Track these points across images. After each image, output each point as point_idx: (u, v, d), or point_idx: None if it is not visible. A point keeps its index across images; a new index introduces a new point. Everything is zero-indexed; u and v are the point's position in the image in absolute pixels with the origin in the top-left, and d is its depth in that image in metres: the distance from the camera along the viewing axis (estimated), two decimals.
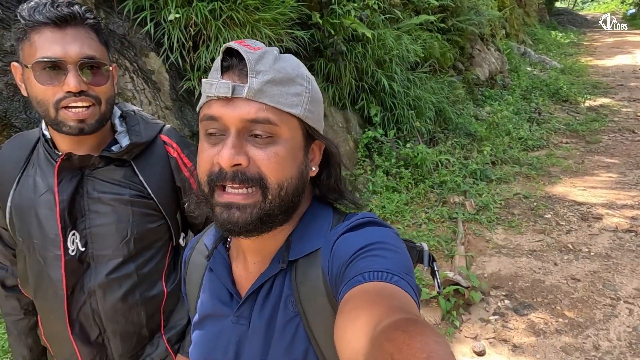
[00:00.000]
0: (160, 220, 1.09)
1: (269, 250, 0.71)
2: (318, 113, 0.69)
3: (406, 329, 0.43)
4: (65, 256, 1.00)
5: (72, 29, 0.92)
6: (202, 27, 3.15)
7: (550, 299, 2.97)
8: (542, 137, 6.40)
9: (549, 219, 4.15)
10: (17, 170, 1.04)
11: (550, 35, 15.63)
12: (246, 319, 0.71)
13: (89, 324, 1.05)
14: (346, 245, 0.63)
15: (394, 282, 0.55)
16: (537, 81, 8.94)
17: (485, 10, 6.92)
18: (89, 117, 0.94)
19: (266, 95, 0.61)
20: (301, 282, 0.67)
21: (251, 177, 0.61)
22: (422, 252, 0.77)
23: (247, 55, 0.60)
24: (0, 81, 2.75)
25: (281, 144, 0.63)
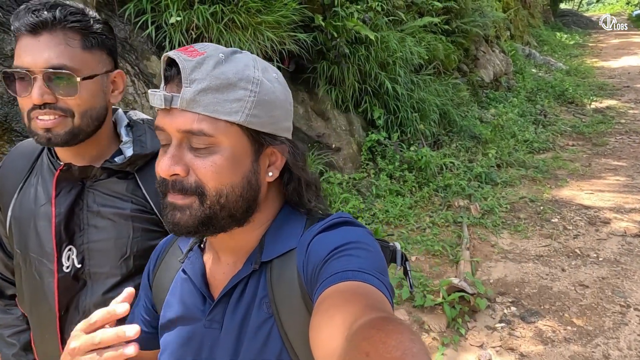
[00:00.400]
0: (162, 237, 1.02)
1: (243, 251, 0.71)
2: (271, 116, 0.65)
3: (382, 327, 0.44)
4: (58, 272, 0.95)
5: (48, 36, 0.85)
6: (204, 30, 3.12)
7: (558, 306, 2.91)
8: (548, 139, 6.33)
9: (555, 223, 4.08)
10: (19, 179, 1.00)
11: (555, 37, 15.54)
12: (218, 322, 0.70)
13: None
14: (321, 245, 0.63)
15: (368, 281, 0.55)
16: (542, 83, 8.87)
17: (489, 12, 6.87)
18: (55, 126, 0.87)
19: (199, 104, 0.60)
20: (276, 282, 0.67)
21: (188, 187, 0.63)
22: (395, 251, 0.77)
23: (182, 64, 0.59)
24: (1, 85, 2.73)
25: (219, 152, 0.62)
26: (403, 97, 4.78)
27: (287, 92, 0.70)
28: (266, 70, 0.66)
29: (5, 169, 1.03)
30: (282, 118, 0.68)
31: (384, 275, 0.59)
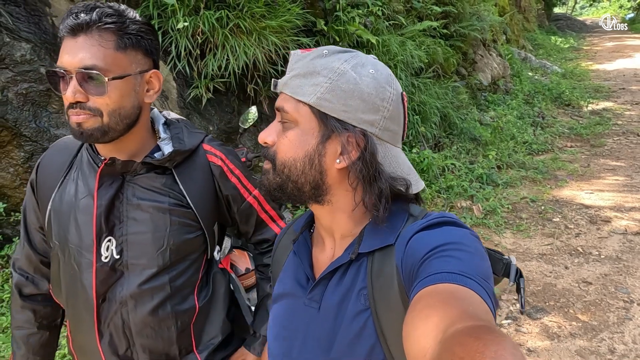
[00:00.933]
0: (198, 232, 1.06)
1: (343, 237, 0.76)
2: (345, 104, 0.67)
3: (480, 336, 0.41)
4: (97, 262, 0.98)
5: (83, 37, 0.88)
6: (210, 35, 3.17)
7: (562, 303, 2.95)
8: (547, 141, 6.40)
9: (557, 222, 4.13)
10: (60, 173, 1.03)
11: (550, 41, 15.70)
12: (317, 302, 0.74)
13: (118, 336, 1.02)
14: (420, 243, 0.63)
15: (468, 285, 0.53)
16: (539, 86, 8.96)
17: (486, 16, 6.96)
18: (85, 122, 0.90)
19: (288, 87, 0.71)
20: (376, 276, 0.68)
21: (269, 155, 0.73)
22: (508, 265, 0.72)
23: (291, 58, 0.73)
24: (11, 91, 2.77)
25: (293, 129, 0.70)
26: None
27: (381, 88, 0.69)
28: (361, 66, 0.69)
29: (46, 164, 1.06)
30: (360, 109, 0.68)
31: (487, 282, 0.55)
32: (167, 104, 3.29)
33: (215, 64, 3.21)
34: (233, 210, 1.14)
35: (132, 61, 0.94)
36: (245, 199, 1.14)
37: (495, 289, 1.84)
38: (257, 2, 3.28)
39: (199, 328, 1.11)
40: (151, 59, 0.98)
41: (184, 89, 3.35)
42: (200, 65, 3.28)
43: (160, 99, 3.26)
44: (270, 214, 1.20)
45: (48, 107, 2.87)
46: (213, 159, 1.09)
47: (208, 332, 1.12)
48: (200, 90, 3.28)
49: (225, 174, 1.09)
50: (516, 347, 0.40)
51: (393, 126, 0.72)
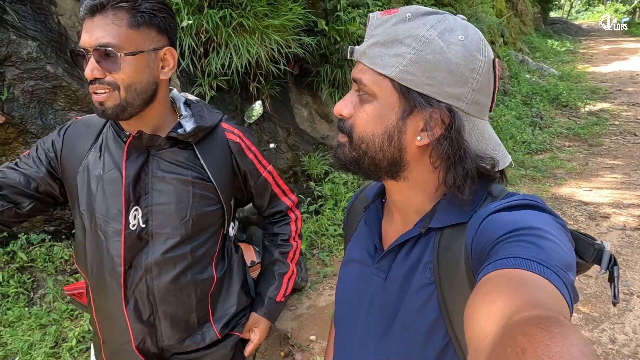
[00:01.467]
0: (217, 205, 1.11)
1: (412, 212, 0.73)
2: (429, 76, 0.61)
3: (547, 327, 0.37)
4: (125, 230, 1.02)
5: (100, 16, 0.92)
6: (213, 33, 3.21)
7: None
8: (545, 140, 6.46)
9: None
10: (87, 146, 1.07)
11: (546, 44, 15.82)
12: (384, 272, 0.74)
13: (143, 302, 1.07)
14: (496, 224, 0.58)
15: (544, 274, 0.48)
16: (536, 87, 9.04)
17: (484, 17, 7.03)
18: (106, 100, 0.95)
19: (366, 56, 0.66)
20: (443, 252, 0.66)
21: (345, 128, 0.70)
22: (601, 251, 0.63)
23: (370, 22, 0.66)
24: (17, 88, 2.80)
25: (372, 103, 0.66)
26: None
27: (471, 57, 0.62)
28: (450, 31, 0.63)
29: (72, 138, 1.10)
30: (447, 82, 0.62)
31: (566, 273, 0.50)
32: None
33: (218, 62, 3.25)
34: (250, 185, 1.19)
35: (146, 38, 0.96)
36: (261, 174, 1.20)
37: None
38: (260, 2, 3.33)
39: (216, 298, 1.16)
40: (166, 37, 1.00)
41: (187, 86, 3.38)
42: (204, 64, 3.32)
43: None
44: (282, 188, 1.27)
45: (54, 104, 2.90)
46: (231, 136, 1.14)
47: (224, 303, 1.18)
48: (204, 88, 3.32)
49: (243, 150, 1.15)
50: (587, 344, 0.36)
51: (482, 98, 0.65)
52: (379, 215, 0.81)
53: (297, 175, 3.93)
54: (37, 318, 2.49)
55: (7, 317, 2.48)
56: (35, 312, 2.52)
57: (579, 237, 0.64)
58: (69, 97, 2.91)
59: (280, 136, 3.90)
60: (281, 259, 1.30)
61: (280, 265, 1.30)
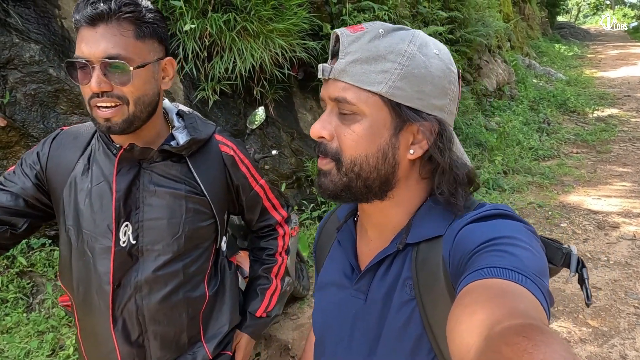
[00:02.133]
0: (211, 219, 1.08)
1: (389, 229, 0.72)
2: (418, 90, 0.63)
3: (529, 335, 0.39)
4: (115, 247, 0.98)
5: (103, 27, 0.88)
6: (217, 37, 3.18)
7: (572, 308, 2.91)
8: (553, 147, 6.38)
9: (564, 227, 4.09)
10: (74, 159, 1.03)
11: (553, 48, 15.71)
12: (364, 293, 0.72)
13: (132, 322, 1.02)
14: (470, 235, 0.59)
15: (521, 282, 0.49)
16: (544, 92, 8.95)
17: (491, 22, 6.97)
18: (114, 116, 0.91)
19: (348, 74, 0.63)
20: (421, 266, 0.66)
21: (329, 151, 0.66)
22: (569, 255, 0.66)
23: (342, 38, 0.64)
24: (19, 92, 2.78)
25: (360, 121, 0.64)
26: None
27: (447, 70, 0.66)
28: (425, 46, 0.65)
29: (59, 149, 1.06)
30: (433, 95, 0.64)
31: (541, 279, 0.51)
32: None
33: (222, 66, 3.22)
34: (241, 199, 1.17)
35: (150, 49, 0.95)
36: (253, 187, 1.17)
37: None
38: (264, 6, 3.29)
39: (208, 317, 1.13)
40: (164, 47, 1.00)
41: (190, 91, 3.36)
42: (207, 68, 3.29)
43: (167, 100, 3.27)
44: (273, 202, 1.25)
45: (56, 107, 2.88)
46: (225, 149, 1.11)
47: (216, 322, 1.14)
48: (207, 93, 3.29)
49: (237, 163, 1.12)
50: (569, 350, 0.37)
51: (454, 108, 0.69)
52: (352, 235, 0.79)
53: (300, 180, 3.89)
54: (35, 324, 2.45)
55: (6, 322, 2.45)
56: (34, 319, 2.49)
57: (547, 242, 0.67)
58: (71, 101, 2.89)
59: (284, 141, 3.86)
60: (265, 275, 1.27)
61: (263, 280, 1.27)
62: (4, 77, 2.75)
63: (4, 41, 2.73)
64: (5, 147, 2.82)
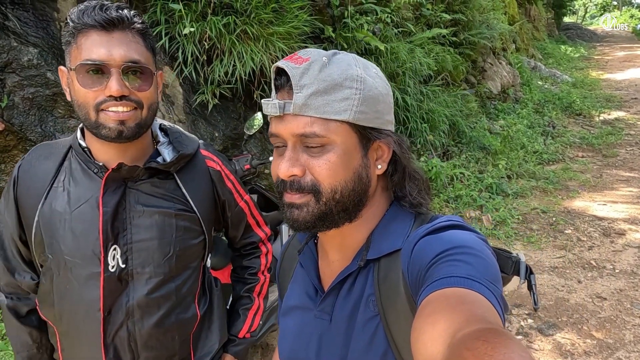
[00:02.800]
0: (201, 237, 1.05)
1: (350, 248, 0.73)
2: (375, 110, 0.67)
3: (488, 339, 0.41)
4: (104, 272, 0.94)
5: (119, 33, 0.89)
6: (216, 41, 3.15)
7: (576, 319, 2.85)
8: (558, 150, 6.30)
9: (569, 234, 4.03)
10: (46, 183, 0.98)
11: (559, 50, 15.58)
12: (328, 314, 0.72)
13: (124, 349, 0.98)
14: (427, 248, 0.62)
15: (476, 289, 0.52)
16: (549, 95, 8.86)
17: (496, 24, 6.90)
18: (129, 119, 0.90)
19: (310, 108, 0.63)
20: (382, 282, 0.67)
21: (304, 186, 0.66)
22: (518, 263, 0.71)
23: (290, 72, 0.63)
24: (17, 95, 2.76)
25: (332, 150, 0.65)
26: (412, 108, 4.78)
27: (387, 85, 0.71)
28: (367, 67, 0.69)
29: (27, 173, 1.00)
30: (385, 111, 0.69)
31: (495, 285, 0.55)
32: (172, 110, 3.27)
33: (221, 69, 3.18)
34: (227, 215, 1.14)
35: (152, 61, 0.97)
36: (238, 203, 1.15)
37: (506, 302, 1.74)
38: (264, 9, 3.26)
39: (197, 337, 1.10)
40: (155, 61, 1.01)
41: (190, 94, 3.33)
42: (207, 71, 3.26)
43: (167, 104, 3.24)
44: (257, 219, 1.23)
45: (54, 111, 2.86)
46: (212, 164, 1.09)
47: (206, 341, 1.11)
48: (207, 96, 3.26)
49: (223, 179, 1.10)
50: (525, 349, 0.40)
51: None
52: (314, 256, 0.80)
53: None
54: None
55: (0, 329, 2.42)
56: None
57: (498, 251, 0.70)
58: (69, 105, 2.86)
59: None
60: (247, 295, 1.24)
61: (245, 300, 1.24)
62: (1, 80, 2.73)
63: (2, 45, 2.71)
64: (3, 151, 2.80)
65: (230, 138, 3.49)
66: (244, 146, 3.20)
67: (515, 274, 0.71)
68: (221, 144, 3.40)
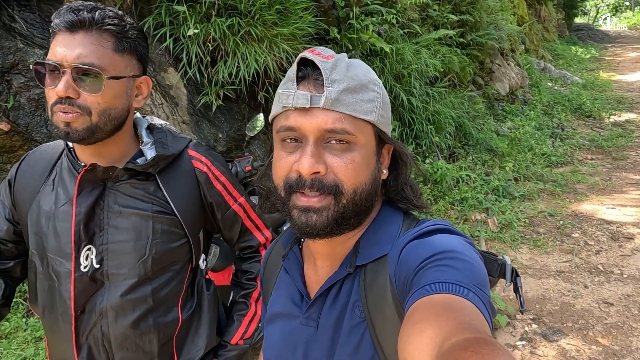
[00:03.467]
0: (182, 239, 1.03)
1: (339, 254, 0.72)
2: (387, 117, 0.69)
3: (476, 349, 0.41)
4: (75, 272, 0.95)
5: (83, 34, 0.88)
6: (220, 42, 3.15)
7: (581, 324, 2.80)
8: (566, 153, 6.22)
9: (576, 238, 3.97)
10: (40, 181, 1.01)
11: (570, 51, 15.40)
12: (314, 320, 0.71)
13: (97, 349, 0.99)
14: (413, 253, 0.61)
15: (464, 295, 0.52)
16: (558, 96, 8.76)
17: (504, 25, 6.84)
18: (74, 121, 0.89)
19: (342, 103, 0.62)
20: (369, 288, 0.66)
21: (327, 185, 0.63)
22: (503, 265, 0.71)
23: (322, 65, 0.61)
24: (23, 96, 2.79)
25: (357, 150, 0.64)
26: (418, 110, 4.74)
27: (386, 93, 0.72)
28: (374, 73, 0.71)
29: (25, 172, 1.03)
30: (390, 118, 0.71)
31: (482, 290, 0.54)
32: (177, 111, 3.28)
33: (225, 71, 3.19)
34: (217, 217, 1.12)
35: (128, 65, 0.94)
36: (230, 206, 1.12)
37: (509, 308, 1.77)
38: (269, 10, 3.26)
39: (182, 341, 1.08)
40: (143, 66, 1.00)
41: (194, 95, 3.34)
42: (211, 72, 3.26)
43: (171, 105, 3.25)
44: (255, 222, 1.19)
45: None
46: (198, 164, 1.06)
47: (191, 345, 1.09)
48: (210, 97, 3.27)
49: (211, 180, 1.07)
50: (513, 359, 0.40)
51: None
52: (299, 261, 0.78)
53: None
54: (34, 330, 2.45)
55: (4, 328, 2.45)
56: (32, 324, 2.48)
57: (483, 254, 0.70)
58: None
59: None
60: (243, 300, 1.21)
61: (241, 306, 1.20)
62: (8, 82, 2.76)
63: (8, 46, 2.74)
64: (9, 151, 2.83)
65: (234, 139, 3.49)
66: (245, 148, 3.20)
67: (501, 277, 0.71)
68: (225, 145, 3.40)
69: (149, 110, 3.08)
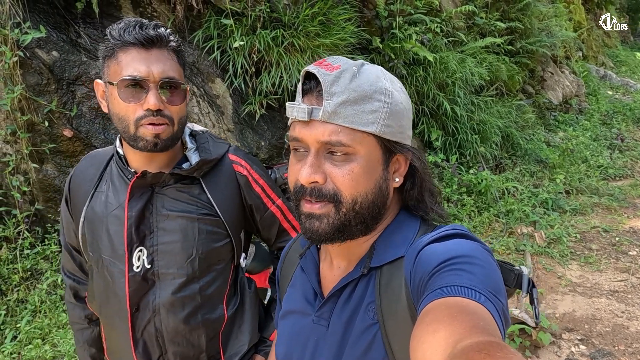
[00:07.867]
0: (226, 239, 1.08)
1: (355, 255, 0.73)
2: (400, 125, 0.68)
3: (491, 352, 0.41)
4: (129, 272, 1.01)
5: (157, 51, 0.95)
6: (265, 53, 3.27)
7: (635, 348, 2.61)
8: (626, 165, 5.83)
9: (633, 256, 3.70)
10: (91, 187, 1.08)
11: (634, 57, 14.42)
12: (326, 320, 0.72)
13: (152, 344, 1.05)
14: (430, 256, 0.61)
15: (479, 300, 0.52)
16: (619, 105, 8.23)
17: (558, 32, 6.56)
18: (163, 132, 0.97)
19: (340, 116, 0.63)
20: (384, 290, 0.67)
21: (326, 193, 0.66)
22: (520, 276, 0.71)
23: (322, 78, 0.63)
24: (85, 105, 3.04)
25: (356, 161, 0.65)
26: (462, 119, 4.65)
27: (409, 100, 0.72)
28: (393, 81, 0.69)
29: (77, 178, 1.11)
30: (407, 127, 0.70)
31: (497, 297, 0.54)
32: (222, 119, 3.43)
33: (269, 81, 3.30)
34: (256, 219, 1.16)
35: (184, 76, 1.03)
36: (268, 208, 1.16)
37: (554, 326, 1.68)
38: (312, 22, 3.34)
39: (227, 337, 1.13)
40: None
41: (238, 104, 3.47)
42: (255, 83, 3.39)
43: (217, 114, 3.40)
44: (292, 223, 1.22)
45: None
46: (239, 168, 1.11)
47: (235, 341, 1.14)
48: (254, 107, 3.39)
49: (250, 183, 1.12)
50: None
51: None
52: (315, 261, 0.80)
53: None
54: None
55: (62, 319, 2.65)
56: None
57: (500, 264, 0.69)
58: None
59: None
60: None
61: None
62: (72, 92, 3.01)
63: (74, 60, 2.99)
64: (71, 155, 3.08)
65: (275, 147, 3.59)
66: (286, 155, 3.28)
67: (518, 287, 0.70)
68: (267, 152, 3.51)
69: (196, 119, 3.24)
